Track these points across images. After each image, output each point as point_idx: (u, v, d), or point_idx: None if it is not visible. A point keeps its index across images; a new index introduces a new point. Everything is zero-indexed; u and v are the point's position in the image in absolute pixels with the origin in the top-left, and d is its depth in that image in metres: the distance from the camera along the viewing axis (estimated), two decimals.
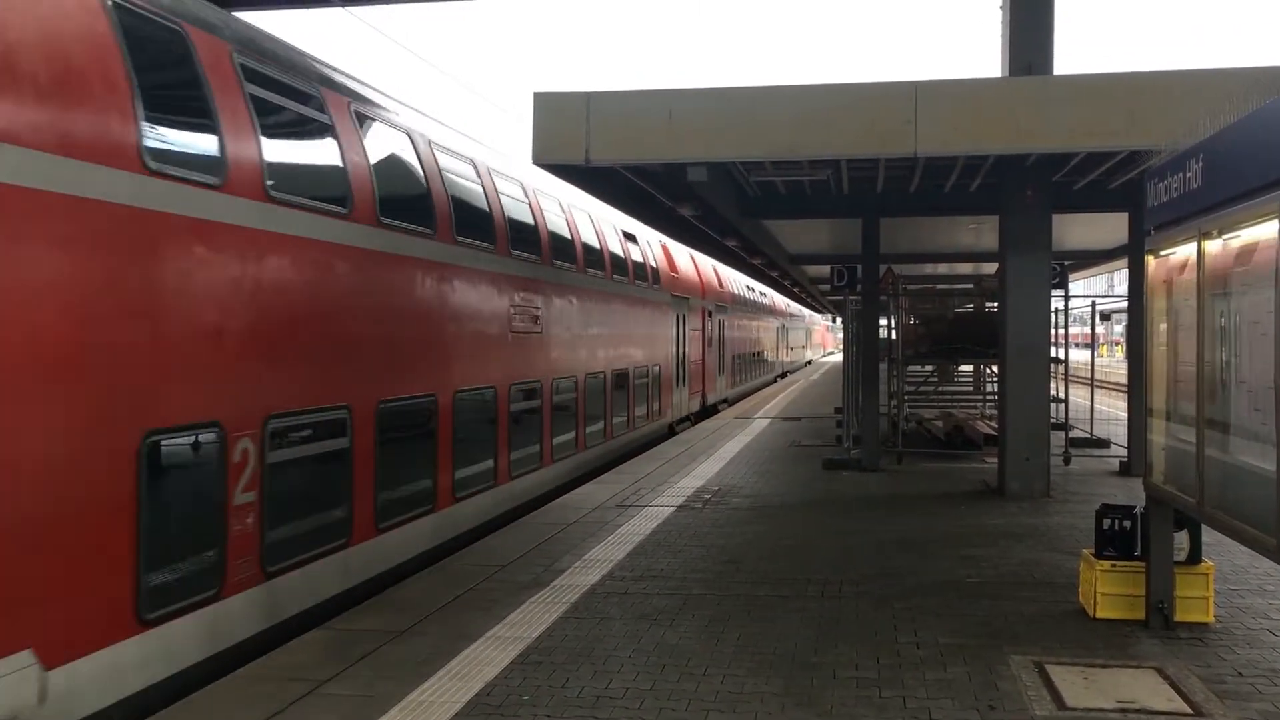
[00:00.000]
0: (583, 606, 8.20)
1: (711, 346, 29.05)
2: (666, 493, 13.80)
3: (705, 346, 27.70)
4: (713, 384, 29.78)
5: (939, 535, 10.89)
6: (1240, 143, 6.02)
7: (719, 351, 30.45)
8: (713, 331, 28.96)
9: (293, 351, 8.23)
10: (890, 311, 19.41)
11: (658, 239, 22.95)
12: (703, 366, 27.72)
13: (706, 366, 28.09)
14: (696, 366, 26.90)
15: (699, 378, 27.32)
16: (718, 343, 30.16)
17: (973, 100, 10.46)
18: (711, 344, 28.99)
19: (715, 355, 29.69)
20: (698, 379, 27.17)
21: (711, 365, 29.18)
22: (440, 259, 10.97)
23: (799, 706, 6.02)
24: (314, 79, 9.13)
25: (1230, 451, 6.17)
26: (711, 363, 29.19)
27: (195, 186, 7.06)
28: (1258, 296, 5.83)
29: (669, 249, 24.24)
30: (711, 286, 29.26)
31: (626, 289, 19.57)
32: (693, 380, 26.29)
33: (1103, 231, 19.30)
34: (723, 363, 31.33)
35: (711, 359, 29.20)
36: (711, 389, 29.56)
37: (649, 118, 10.42)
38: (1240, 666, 6.69)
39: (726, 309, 31.54)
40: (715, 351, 29.70)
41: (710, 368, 28.83)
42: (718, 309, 29.85)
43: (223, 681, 6.60)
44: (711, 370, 29.39)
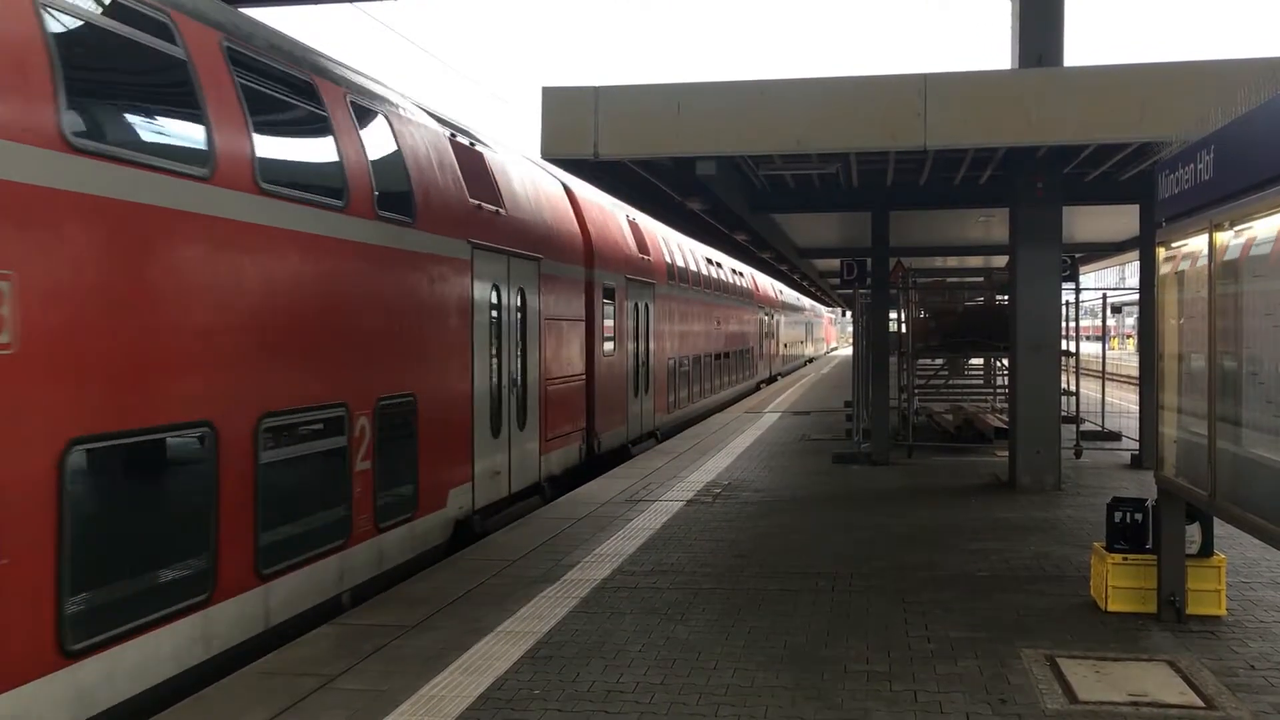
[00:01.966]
0: (593, 601, 8.21)
1: (614, 346, 17.91)
2: (676, 487, 13.81)
3: (592, 346, 16.51)
4: (616, 409, 17.87)
5: (950, 529, 10.88)
6: (1252, 134, 5.99)
7: (635, 357, 19.41)
8: (623, 319, 18.47)
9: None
10: (900, 305, 19.39)
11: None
12: (590, 386, 16.32)
13: (599, 380, 16.75)
14: (568, 389, 15.24)
15: (570, 406, 15.49)
16: (631, 338, 19.15)
17: (983, 92, 10.42)
18: (614, 343, 17.82)
19: (623, 361, 18.50)
20: (566, 408, 15.18)
21: (614, 376, 17.76)
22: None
23: (809, 700, 6.02)
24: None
25: (1242, 444, 6.14)
26: (614, 373, 17.81)
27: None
28: (1270, 288, 5.80)
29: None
30: (610, 244, 17.96)
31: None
32: (552, 413, 14.32)
33: (1114, 224, 19.23)
34: (646, 375, 20.15)
35: (618, 366, 18.06)
36: (611, 417, 17.57)
37: (657, 112, 10.41)
38: (1252, 659, 6.67)
39: (655, 287, 20.97)
40: (624, 357, 18.53)
41: (607, 382, 17.26)
42: (632, 285, 19.14)
43: (234, 676, 6.62)
44: (614, 386, 17.75)
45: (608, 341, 17.33)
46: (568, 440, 15.16)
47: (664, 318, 21.95)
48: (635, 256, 19.59)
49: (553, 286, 14.27)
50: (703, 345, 26.70)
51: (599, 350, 16.77)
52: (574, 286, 15.60)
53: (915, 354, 19.04)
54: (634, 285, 19.22)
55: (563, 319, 14.81)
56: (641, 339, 19.73)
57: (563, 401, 14.81)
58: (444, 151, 11.33)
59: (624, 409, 18.46)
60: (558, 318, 14.56)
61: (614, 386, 17.74)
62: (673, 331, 22.94)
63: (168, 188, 6.71)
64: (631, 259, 19.32)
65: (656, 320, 21.09)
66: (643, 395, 19.87)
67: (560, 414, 14.72)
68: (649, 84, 10.64)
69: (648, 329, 20.26)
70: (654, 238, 21.88)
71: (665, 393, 22.11)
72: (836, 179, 14.76)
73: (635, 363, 19.22)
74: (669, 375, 22.51)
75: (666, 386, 22.28)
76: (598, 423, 16.69)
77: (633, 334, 19.04)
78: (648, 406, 20.36)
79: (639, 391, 19.58)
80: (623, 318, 18.33)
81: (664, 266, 22.27)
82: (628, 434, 18.72)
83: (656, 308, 21.16)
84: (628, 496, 13.08)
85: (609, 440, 17.42)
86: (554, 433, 14.39)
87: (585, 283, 16.19)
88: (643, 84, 10.68)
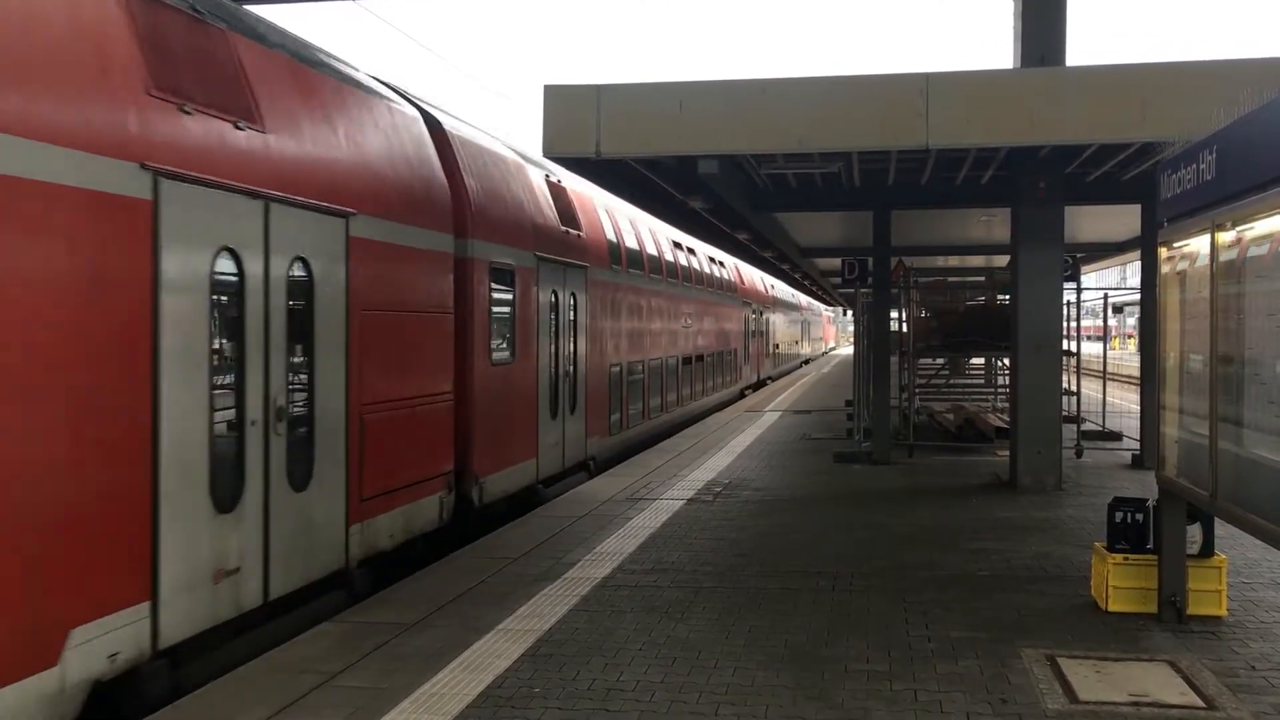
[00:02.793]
0: (594, 599, 8.21)
1: (513, 350, 12.79)
2: (677, 486, 13.81)
3: (469, 350, 11.50)
4: (515, 439, 12.82)
5: (950, 528, 10.88)
6: (1254, 134, 5.98)
7: (555, 364, 14.33)
8: (531, 313, 13.35)
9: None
10: (901, 304, 19.39)
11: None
12: (464, 408, 11.31)
13: (482, 399, 11.71)
14: (416, 414, 10.23)
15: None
16: (548, 338, 14.05)
17: (985, 92, 10.41)
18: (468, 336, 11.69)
19: (530, 371, 13.34)
20: (409, 444, 10.16)
21: (511, 392, 12.69)
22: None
23: (810, 700, 6.02)
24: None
25: (1243, 444, 6.14)
26: (513, 388, 12.74)
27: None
28: (1272, 288, 5.80)
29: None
30: (506, 207, 12.84)
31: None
32: (375, 455, 9.37)
33: (1115, 224, 19.23)
34: (572, 389, 15.01)
35: (519, 378, 12.99)
36: (504, 451, 12.43)
37: (659, 110, 10.41)
38: (1253, 660, 6.66)
39: (588, 271, 15.77)
40: (530, 365, 13.35)
41: (497, 400, 12.20)
42: (549, 267, 13.96)
43: (234, 674, 6.62)
44: (511, 406, 12.69)
45: (499, 344, 12.31)
46: (415, 493, 10.07)
47: (604, 312, 16.93)
48: (553, 229, 14.39)
49: (382, 260, 9.41)
50: (666, 347, 21.99)
51: (481, 356, 11.68)
52: (432, 264, 10.48)
53: (916, 353, 19.06)
54: (551, 268, 14.01)
55: (405, 310, 9.88)
56: (565, 339, 14.75)
57: (402, 434, 9.77)
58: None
59: (531, 436, 13.32)
60: (393, 308, 9.62)
61: (511, 407, 12.63)
62: (619, 330, 17.86)
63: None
64: (548, 232, 14.10)
65: (592, 315, 16.16)
66: (566, 415, 14.74)
67: (395, 454, 9.63)
68: (651, 82, 10.65)
69: (575, 326, 15.25)
70: (588, 207, 16.79)
71: (606, 410, 16.95)
72: (838, 178, 14.76)
73: (554, 372, 14.25)
74: (612, 386, 17.34)
75: (608, 401, 17.07)
76: (478, 461, 11.55)
77: (549, 333, 14.06)
78: (575, 430, 15.21)
79: (560, 411, 14.49)
80: (530, 310, 13.25)
81: (603, 246, 17.04)
82: (539, 470, 13.49)
83: (592, 299, 16.10)
84: (629, 495, 13.08)
85: (502, 483, 12.29)
86: (380, 485, 9.35)
87: (457, 259, 11.14)
88: (645, 82, 10.68)
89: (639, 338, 19.55)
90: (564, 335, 14.82)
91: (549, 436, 14.06)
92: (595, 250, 16.59)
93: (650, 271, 20.64)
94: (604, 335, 17.00)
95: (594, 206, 17.29)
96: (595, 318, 16.50)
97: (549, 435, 14.07)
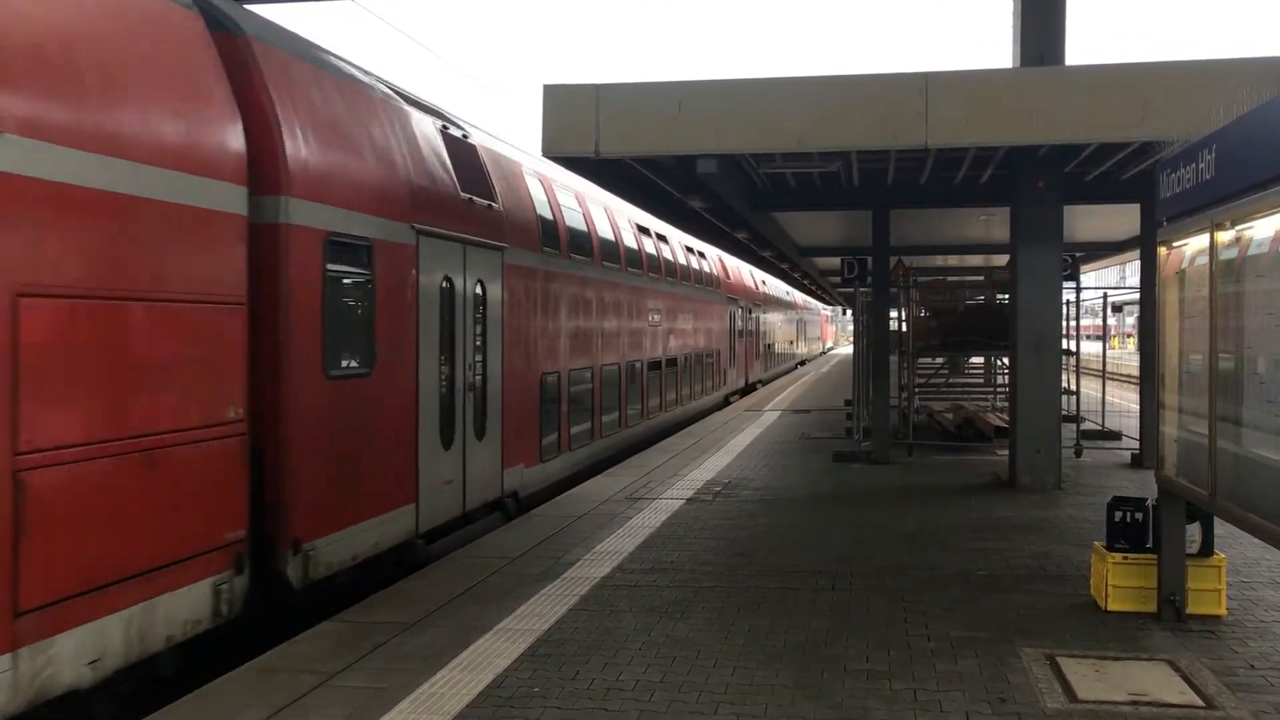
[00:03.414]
0: (593, 599, 8.21)
1: (371, 357, 9.39)
2: (676, 485, 13.80)
3: (276, 360, 8.12)
4: (372, 482, 9.33)
5: (950, 528, 10.88)
6: (1253, 133, 5.98)
7: (448, 374, 10.92)
8: (404, 305, 9.95)
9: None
10: (901, 304, 19.39)
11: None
12: (275, 444, 8.03)
13: (309, 428, 8.36)
14: (169, 459, 6.80)
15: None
16: (435, 341, 10.59)
17: (984, 91, 10.42)
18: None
19: (405, 386, 9.98)
20: (153, 505, 6.68)
21: (365, 417, 9.22)
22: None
23: (809, 699, 6.02)
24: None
25: (1243, 444, 6.14)
26: (370, 410, 9.32)
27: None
28: (1272, 287, 5.80)
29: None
30: (346, 150, 9.22)
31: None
32: (67, 531, 5.99)
33: (1115, 223, 19.24)
34: (481, 405, 11.72)
35: (382, 395, 9.58)
36: (352, 500, 8.99)
37: (658, 110, 10.41)
38: (1252, 659, 6.66)
39: (505, 254, 12.42)
40: (406, 378, 10.02)
41: (339, 430, 8.80)
42: (433, 244, 10.48)
43: (234, 674, 6.62)
44: (366, 437, 9.23)
45: (343, 350, 9.02)
46: (153, 586, 6.67)
47: (534, 307, 13.51)
48: (450, 197, 11.00)
49: (66, 210, 6.12)
50: (628, 349, 18.61)
51: (305, 367, 8.30)
52: (195, 227, 7.15)
53: (916, 353, 19.05)
54: (442, 247, 10.56)
55: (128, 296, 6.57)
56: (467, 342, 11.24)
57: (124, 494, 6.47)
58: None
59: (406, 475, 9.84)
60: (99, 292, 6.35)
61: (368, 436, 9.21)
62: (557, 329, 14.51)
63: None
64: (440, 200, 10.70)
65: (514, 310, 12.67)
66: (469, 442, 11.22)
67: (106, 528, 6.31)
68: (650, 82, 10.67)
69: (485, 324, 11.77)
70: (511, 173, 13.40)
71: (535, 430, 13.50)
72: (837, 177, 14.76)
73: (448, 386, 10.75)
74: (546, 400, 13.92)
75: (538, 419, 13.60)
76: (300, 518, 8.14)
77: (440, 334, 10.54)
78: (485, 460, 11.70)
79: (459, 437, 10.95)
80: (405, 303, 9.85)
81: (532, 224, 13.54)
82: (419, 520, 10.03)
83: (513, 289, 12.61)
84: (628, 494, 13.08)
85: (352, 544, 8.86)
86: (67, 583, 6.02)
87: (257, 226, 7.87)
88: (644, 82, 10.70)
89: (588, 339, 16.09)
90: (465, 336, 11.28)
91: (438, 472, 10.48)
92: (520, 228, 13.07)
93: (604, 259, 17.13)
94: (533, 336, 13.53)
95: (521, 174, 13.85)
96: (519, 314, 12.93)
97: (438, 471, 10.48)
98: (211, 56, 7.56)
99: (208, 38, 7.60)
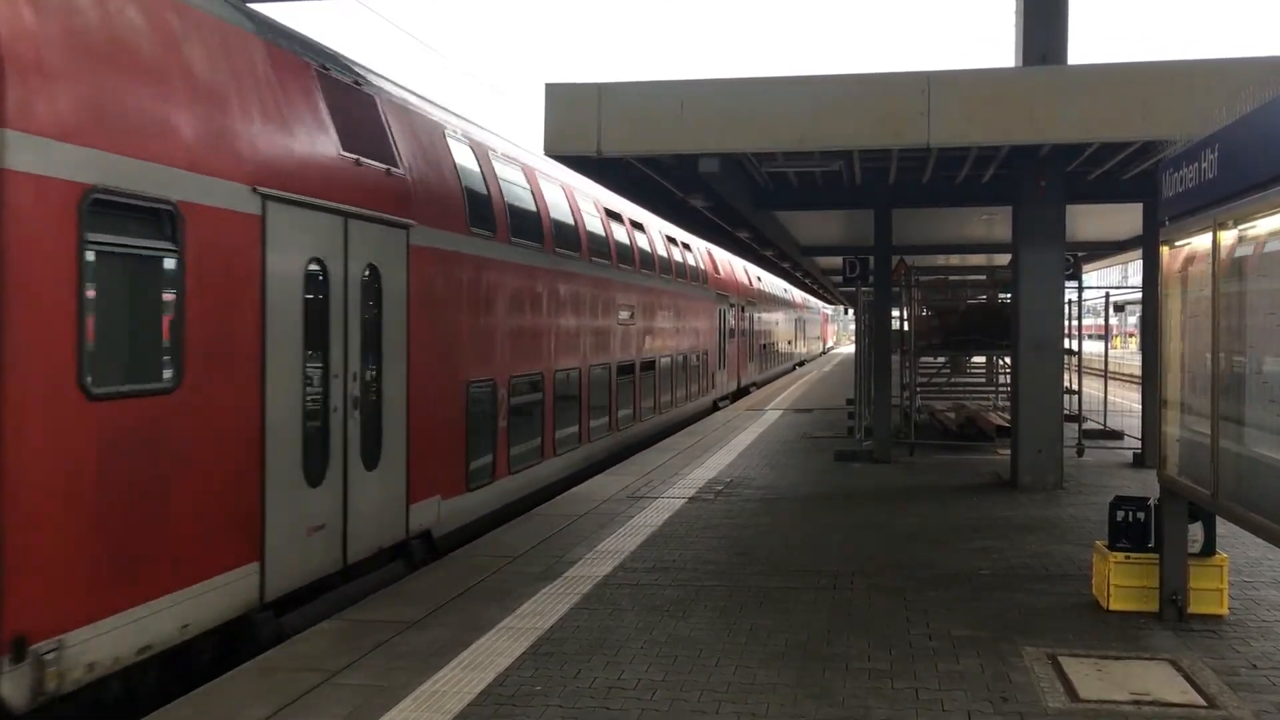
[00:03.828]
0: (595, 598, 8.22)
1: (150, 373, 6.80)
2: (678, 484, 13.81)
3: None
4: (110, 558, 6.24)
5: (951, 527, 10.87)
6: (1256, 133, 5.98)
7: (308, 390, 8.32)
8: (223, 301, 7.30)
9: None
10: (902, 303, 19.39)
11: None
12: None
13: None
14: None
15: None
16: (281, 347, 7.93)
17: (986, 91, 10.41)
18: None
19: (221, 417, 7.29)
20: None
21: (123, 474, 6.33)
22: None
23: (811, 698, 6.02)
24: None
25: (1245, 443, 6.14)
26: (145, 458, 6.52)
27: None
28: (1274, 286, 5.80)
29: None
30: (103, 59, 6.34)
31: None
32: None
33: (1117, 222, 19.23)
34: (371, 424, 9.22)
35: (168, 433, 6.75)
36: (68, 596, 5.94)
37: (661, 109, 10.40)
38: (1254, 659, 6.66)
39: (411, 233, 9.94)
40: (233, 405, 7.43)
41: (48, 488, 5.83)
42: (285, 212, 7.95)
43: (235, 672, 6.63)
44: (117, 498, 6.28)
45: (130, 357, 6.81)
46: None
47: (453, 301, 10.88)
48: (323, 157, 8.66)
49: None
50: (590, 351, 15.91)
51: (33, 381, 5.77)
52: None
53: (917, 352, 19.04)
54: (300, 218, 8.24)
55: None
56: (348, 342, 8.89)
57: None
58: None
59: (242, 525, 7.53)
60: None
61: (172, 475, 6.81)
62: (491, 327, 11.90)
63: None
64: (290, 151, 8.22)
65: (426, 305, 10.21)
66: (352, 474, 8.89)
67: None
68: (652, 81, 10.66)
69: (381, 321, 9.45)
70: (428, 138, 10.83)
71: (458, 452, 11.00)
72: (839, 177, 14.76)
73: (318, 402, 8.50)
74: (475, 415, 11.37)
75: (463, 439, 11.07)
76: (23, 609, 5.63)
77: (305, 334, 8.29)
78: (382, 494, 9.37)
79: (336, 467, 8.68)
80: (243, 292, 7.59)
81: (455, 199, 11.04)
82: (265, 584, 7.74)
83: (423, 277, 10.15)
84: (630, 493, 13.08)
85: (141, 631, 6.48)
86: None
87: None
88: (646, 81, 10.69)
89: (536, 340, 13.53)
90: (348, 338, 8.84)
91: (298, 517, 8.13)
92: (437, 203, 10.54)
93: (560, 246, 14.47)
94: (458, 336, 10.98)
95: (444, 138, 11.24)
96: (435, 309, 10.42)
97: (298, 514, 8.12)
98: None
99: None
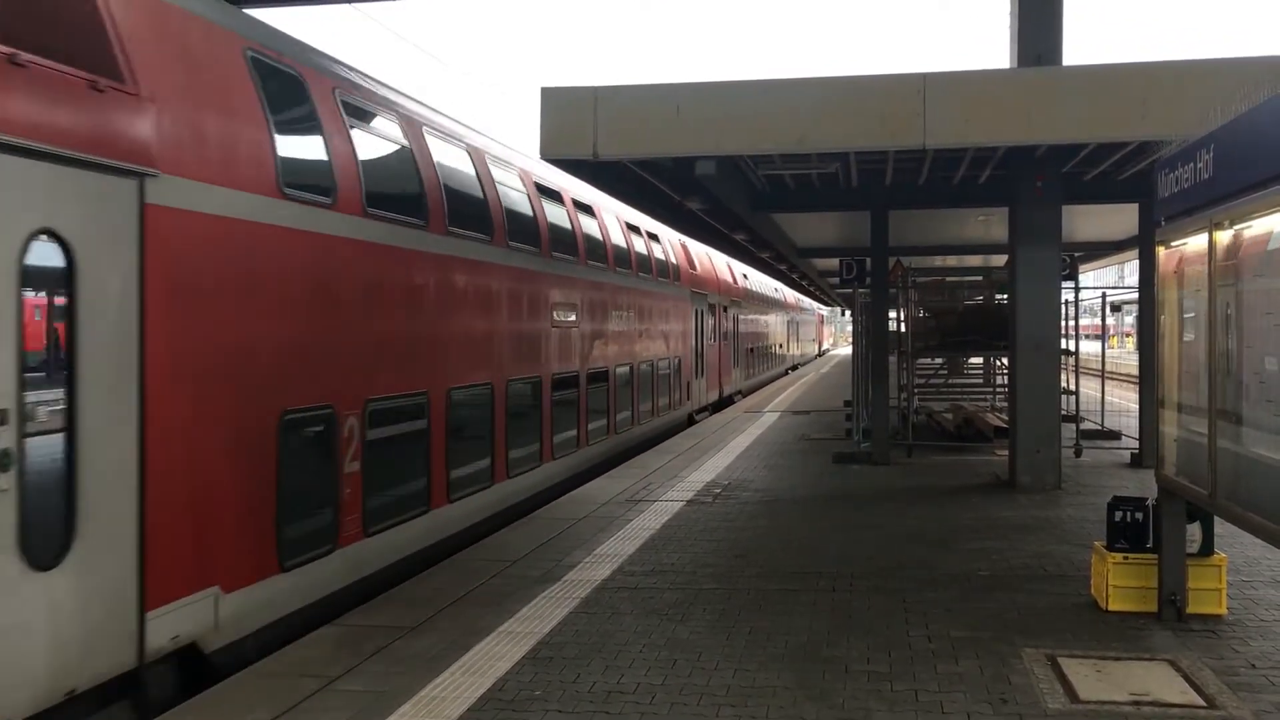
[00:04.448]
0: (593, 601, 8.21)
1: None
2: (676, 487, 13.80)
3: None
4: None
5: (950, 528, 10.87)
6: (1252, 132, 5.99)
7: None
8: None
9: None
10: (900, 304, 19.39)
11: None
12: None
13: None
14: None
15: None
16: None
17: (982, 92, 10.41)
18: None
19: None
20: None
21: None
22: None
23: (810, 700, 6.02)
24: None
25: (1242, 443, 6.14)
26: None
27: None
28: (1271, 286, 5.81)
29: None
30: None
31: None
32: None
33: (1113, 223, 19.24)
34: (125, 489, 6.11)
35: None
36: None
37: (657, 112, 10.40)
38: (1253, 658, 6.67)
39: (238, 196, 7.35)
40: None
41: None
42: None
43: (234, 678, 6.63)
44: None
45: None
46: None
47: (251, 294, 7.66)
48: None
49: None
50: (509, 363, 12.77)
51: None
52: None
53: (915, 353, 19.05)
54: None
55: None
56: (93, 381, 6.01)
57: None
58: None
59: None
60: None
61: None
62: (326, 336, 8.66)
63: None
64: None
65: (187, 300, 6.92)
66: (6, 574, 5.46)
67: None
68: (648, 84, 10.65)
69: (72, 329, 5.93)
70: (169, 30, 7.06)
71: (254, 519, 7.60)
72: (836, 178, 14.76)
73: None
74: (290, 463, 8.01)
75: (268, 497, 7.76)
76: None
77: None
78: (77, 604, 5.87)
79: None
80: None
81: (252, 144, 7.77)
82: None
83: (184, 261, 6.89)
84: (628, 496, 13.07)
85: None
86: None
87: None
88: (642, 84, 10.68)
89: (417, 349, 10.36)
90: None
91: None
92: (213, 145, 7.32)
93: (456, 226, 11.24)
94: (264, 346, 7.85)
95: (239, 55, 7.85)
96: (210, 307, 7.20)
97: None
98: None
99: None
